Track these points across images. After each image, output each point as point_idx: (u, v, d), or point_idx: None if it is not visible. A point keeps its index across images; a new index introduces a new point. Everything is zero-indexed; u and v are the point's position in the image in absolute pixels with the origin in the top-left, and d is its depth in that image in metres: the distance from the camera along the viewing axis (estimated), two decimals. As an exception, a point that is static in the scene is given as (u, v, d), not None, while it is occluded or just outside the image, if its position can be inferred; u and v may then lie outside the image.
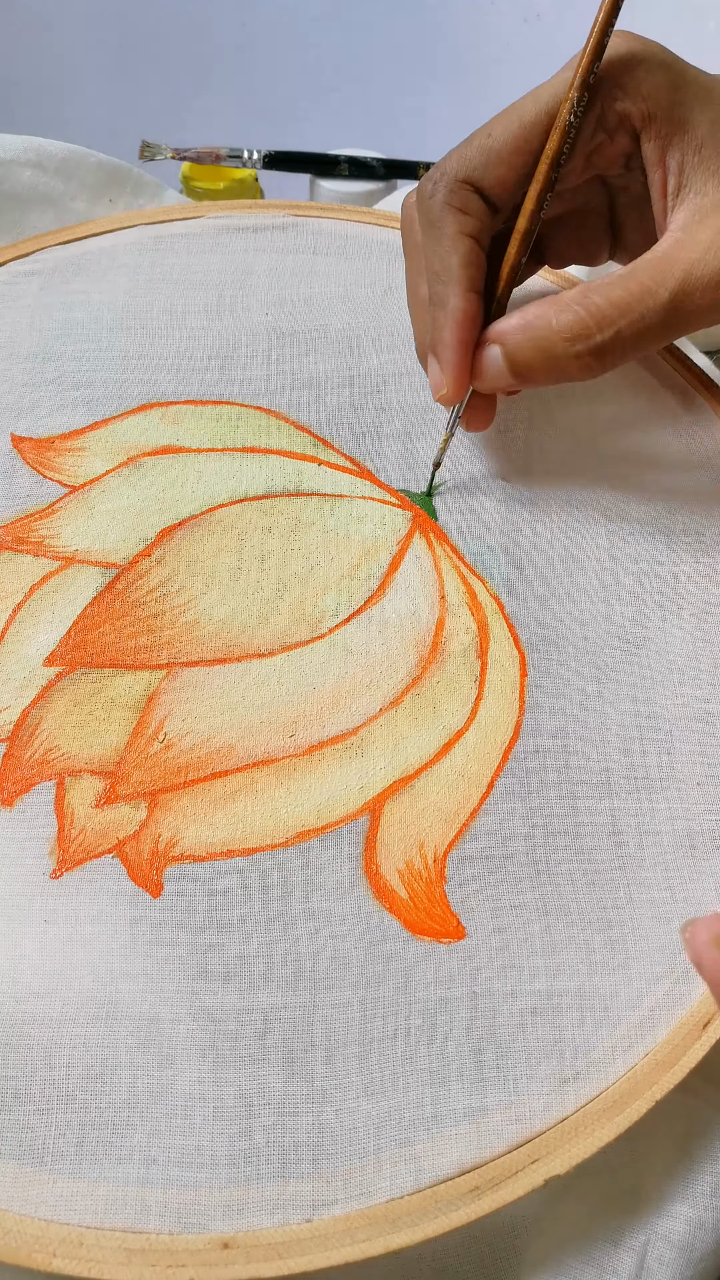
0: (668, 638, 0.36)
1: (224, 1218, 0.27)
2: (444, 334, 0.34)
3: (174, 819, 0.32)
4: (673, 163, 0.33)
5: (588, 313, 0.32)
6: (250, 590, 0.36)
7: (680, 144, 0.33)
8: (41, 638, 0.35)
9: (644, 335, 0.32)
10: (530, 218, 0.34)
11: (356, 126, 0.86)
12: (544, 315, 0.33)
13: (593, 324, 0.32)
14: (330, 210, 0.46)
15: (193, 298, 0.43)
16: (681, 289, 0.32)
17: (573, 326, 0.32)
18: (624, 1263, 0.30)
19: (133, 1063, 0.29)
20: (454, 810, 0.33)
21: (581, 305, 0.32)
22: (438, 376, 0.35)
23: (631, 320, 0.32)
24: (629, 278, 0.32)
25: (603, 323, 0.32)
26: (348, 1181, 0.28)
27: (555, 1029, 0.30)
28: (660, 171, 0.33)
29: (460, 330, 0.34)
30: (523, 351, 0.33)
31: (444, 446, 0.38)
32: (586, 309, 0.32)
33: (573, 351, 0.32)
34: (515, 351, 0.33)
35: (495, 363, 0.34)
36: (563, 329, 0.32)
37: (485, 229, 0.35)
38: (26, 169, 0.47)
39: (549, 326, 0.33)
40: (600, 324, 0.32)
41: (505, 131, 0.34)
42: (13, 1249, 0.27)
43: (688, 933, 0.28)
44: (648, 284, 0.32)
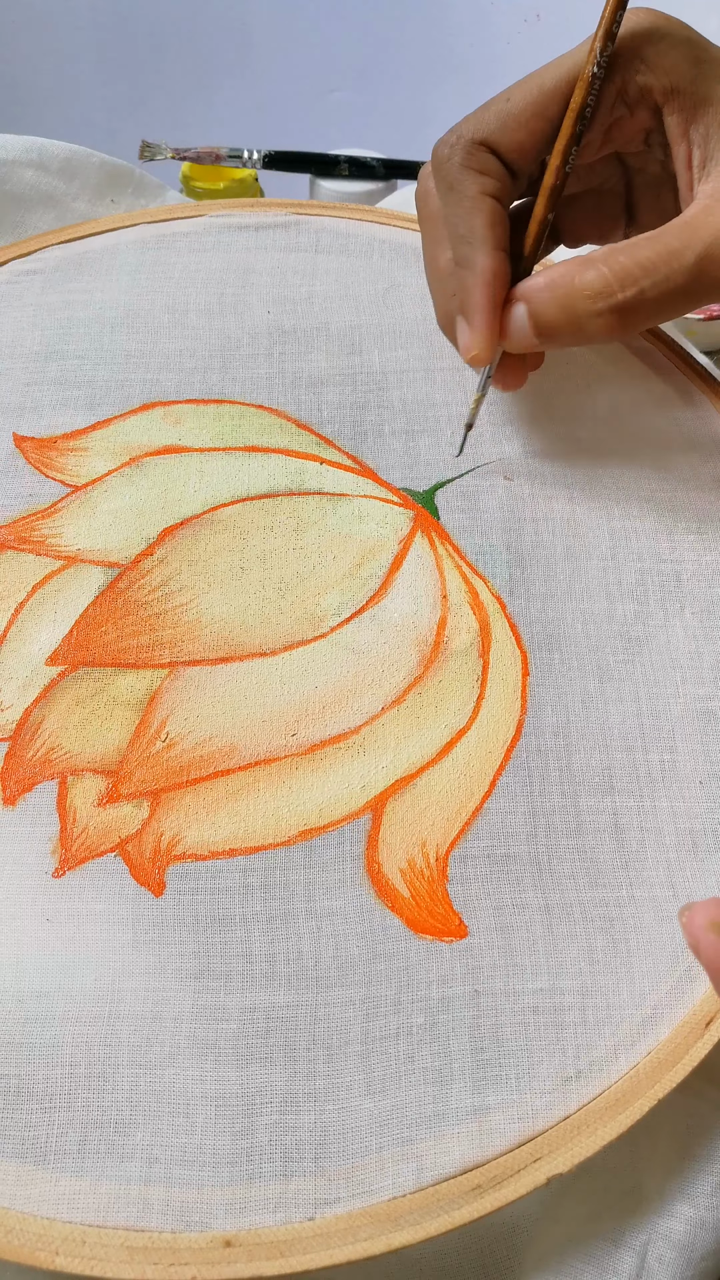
0: (670, 636, 0.36)
1: (226, 1216, 0.27)
2: (473, 294, 0.34)
3: (176, 818, 0.32)
4: (697, 136, 0.33)
5: (611, 271, 0.32)
6: (252, 589, 0.36)
7: (705, 118, 0.33)
8: (44, 637, 0.35)
9: (667, 297, 0.32)
10: (557, 173, 0.34)
11: (356, 126, 0.86)
12: (569, 273, 0.33)
13: (616, 283, 0.32)
14: (332, 208, 0.46)
15: (194, 296, 0.43)
16: (708, 252, 0.31)
17: (595, 284, 0.32)
18: (624, 1262, 0.30)
19: (135, 1061, 0.29)
20: (456, 809, 0.33)
21: (606, 264, 0.32)
22: (467, 337, 0.35)
23: (656, 281, 0.32)
24: (656, 239, 0.32)
25: (626, 281, 0.32)
26: (350, 1180, 0.28)
27: (557, 1028, 0.30)
28: (685, 145, 0.33)
29: (489, 289, 0.34)
30: (547, 310, 0.33)
31: (475, 408, 0.38)
32: (611, 267, 0.32)
33: (595, 309, 0.32)
34: (540, 310, 0.33)
35: (520, 321, 0.34)
36: (585, 286, 0.32)
37: (506, 191, 0.34)
38: (28, 169, 0.47)
39: (572, 284, 0.32)
40: (624, 282, 0.32)
41: (524, 97, 0.34)
42: (15, 1247, 0.27)
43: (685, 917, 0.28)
44: (674, 246, 0.32)
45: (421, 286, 0.39)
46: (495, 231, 0.34)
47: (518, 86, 0.34)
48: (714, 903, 0.26)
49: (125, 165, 0.50)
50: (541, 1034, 0.30)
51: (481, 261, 0.34)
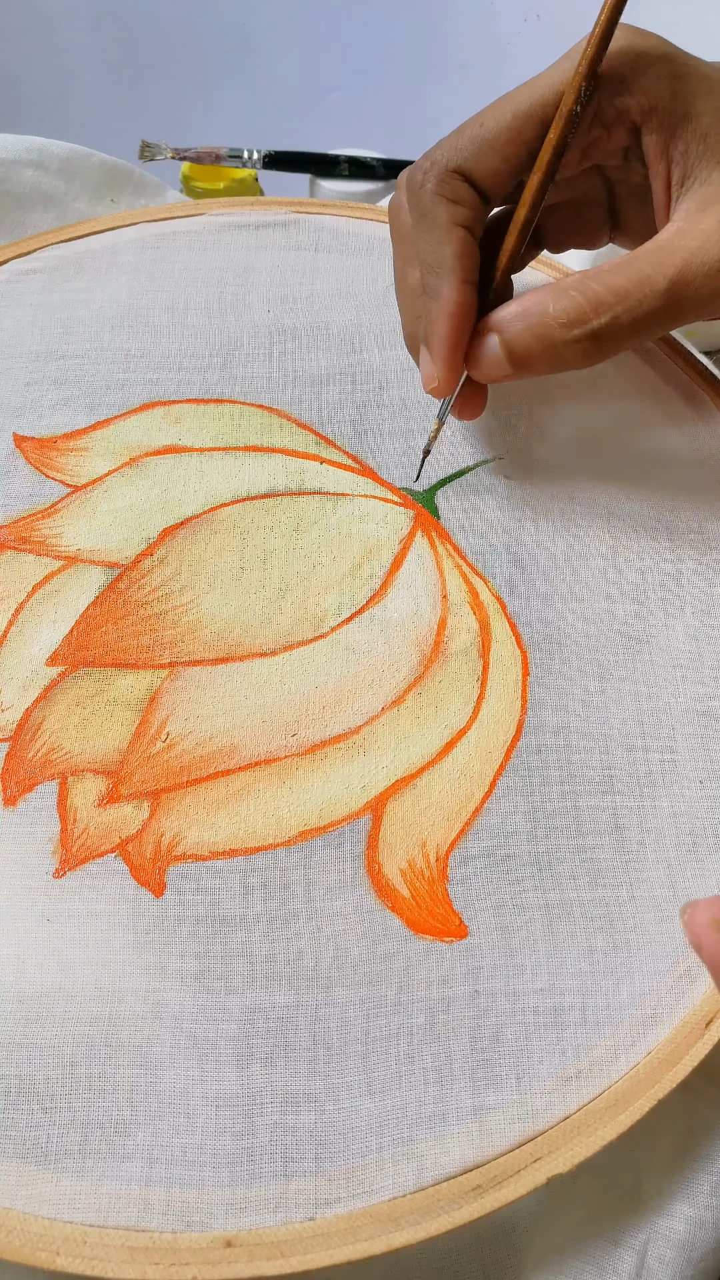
0: (670, 636, 0.36)
1: (227, 1216, 0.27)
2: (436, 326, 0.34)
3: (176, 818, 0.32)
4: (676, 154, 0.33)
5: (585, 299, 0.32)
6: (252, 590, 0.36)
7: (684, 135, 0.33)
8: (44, 637, 0.35)
9: (641, 322, 0.32)
10: (530, 208, 0.34)
11: (356, 126, 0.86)
12: (541, 302, 0.33)
13: (589, 310, 0.32)
14: (332, 207, 0.46)
15: (194, 295, 0.43)
16: (680, 276, 0.31)
17: (569, 312, 0.32)
18: (624, 1262, 0.30)
19: (135, 1062, 0.29)
20: (456, 809, 0.33)
21: (579, 291, 0.32)
22: (429, 368, 0.35)
23: (629, 306, 0.32)
24: (628, 265, 0.32)
25: (600, 308, 0.32)
26: (350, 1180, 0.28)
27: (557, 1028, 0.30)
28: (663, 163, 0.33)
29: (453, 322, 0.34)
30: (520, 340, 0.33)
31: (434, 435, 0.38)
32: (584, 294, 0.32)
33: (570, 337, 0.32)
34: (513, 340, 0.33)
35: (493, 352, 0.34)
36: (559, 315, 0.32)
37: (477, 219, 0.34)
38: (28, 169, 0.48)
39: (545, 313, 0.32)
40: (597, 309, 0.32)
41: (498, 121, 0.33)
42: (16, 1247, 0.27)
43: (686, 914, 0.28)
44: (646, 271, 0.32)
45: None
46: (463, 263, 0.34)
47: (491, 110, 0.34)
48: (715, 900, 0.26)
49: (125, 165, 0.50)
50: (541, 1034, 0.30)
51: (447, 293, 0.33)
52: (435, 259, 0.34)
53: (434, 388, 0.35)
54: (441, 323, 0.34)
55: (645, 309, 0.32)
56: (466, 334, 0.34)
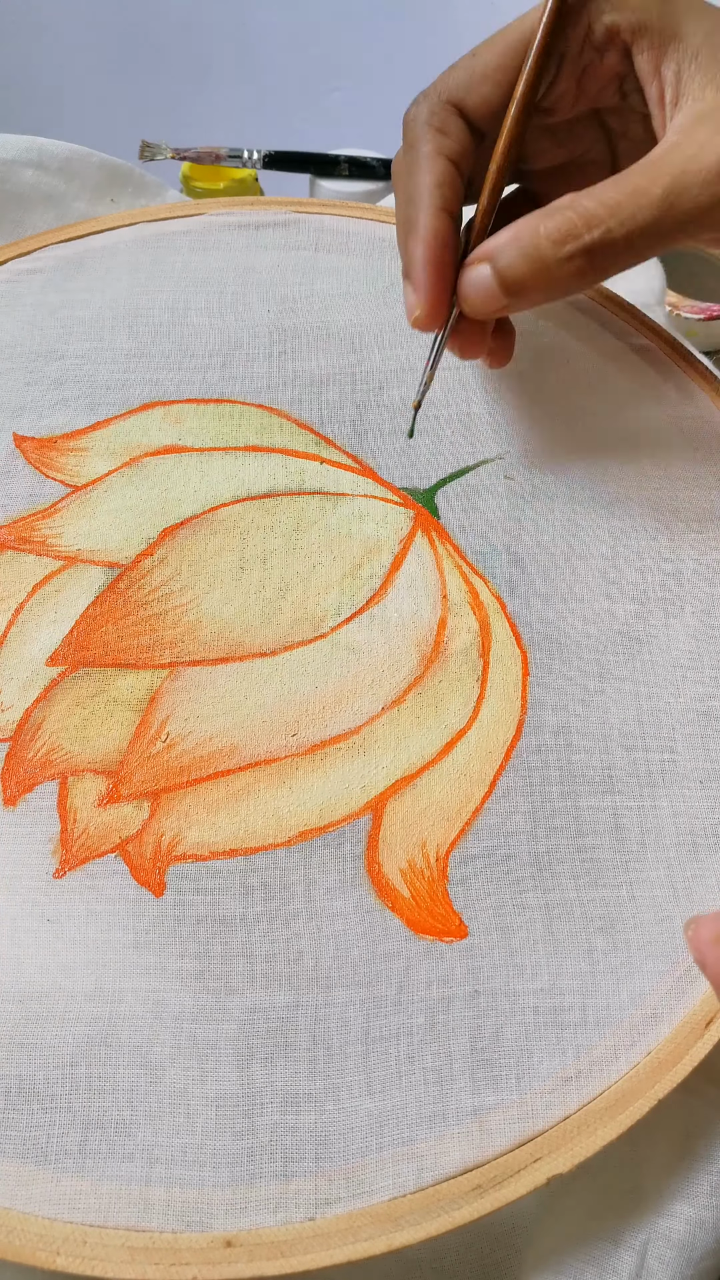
0: (670, 636, 0.36)
1: (227, 1216, 0.27)
2: (414, 254, 0.33)
3: (176, 818, 0.32)
4: (668, 73, 0.32)
5: (576, 214, 0.31)
6: (252, 590, 0.36)
7: (675, 53, 0.32)
8: (44, 637, 0.35)
9: (636, 234, 0.31)
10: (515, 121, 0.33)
11: (356, 126, 0.86)
12: (532, 224, 0.32)
13: (581, 224, 0.31)
14: (332, 206, 0.46)
15: (194, 295, 0.43)
16: (675, 184, 0.31)
17: (561, 228, 0.31)
18: (624, 1262, 0.30)
19: (136, 1062, 0.29)
20: (456, 809, 0.33)
21: (570, 208, 0.31)
22: (411, 298, 0.34)
23: (622, 219, 0.31)
24: (621, 179, 0.31)
25: (591, 222, 0.31)
26: (350, 1180, 0.28)
27: (557, 1028, 0.30)
28: (657, 83, 0.33)
29: (429, 249, 0.33)
30: (513, 265, 0.32)
31: (425, 384, 0.37)
32: (575, 210, 0.31)
33: (562, 254, 0.31)
34: (504, 265, 0.32)
35: (484, 280, 0.33)
36: (551, 232, 0.31)
37: (464, 151, 0.34)
38: (28, 169, 0.48)
39: (536, 233, 0.32)
40: (589, 224, 0.31)
41: (490, 51, 0.33)
42: (16, 1247, 0.27)
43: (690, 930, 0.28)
44: (640, 183, 0.31)
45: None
46: (441, 191, 0.33)
47: (485, 43, 0.34)
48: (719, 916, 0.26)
49: (125, 165, 0.50)
50: (541, 1034, 0.30)
51: (423, 221, 0.33)
52: (414, 187, 0.33)
53: (415, 317, 0.34)
54: (418, 250, 0.33)
55: (640, 220, 0.31)
56: (446, 262, 0.33)
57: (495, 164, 0.34)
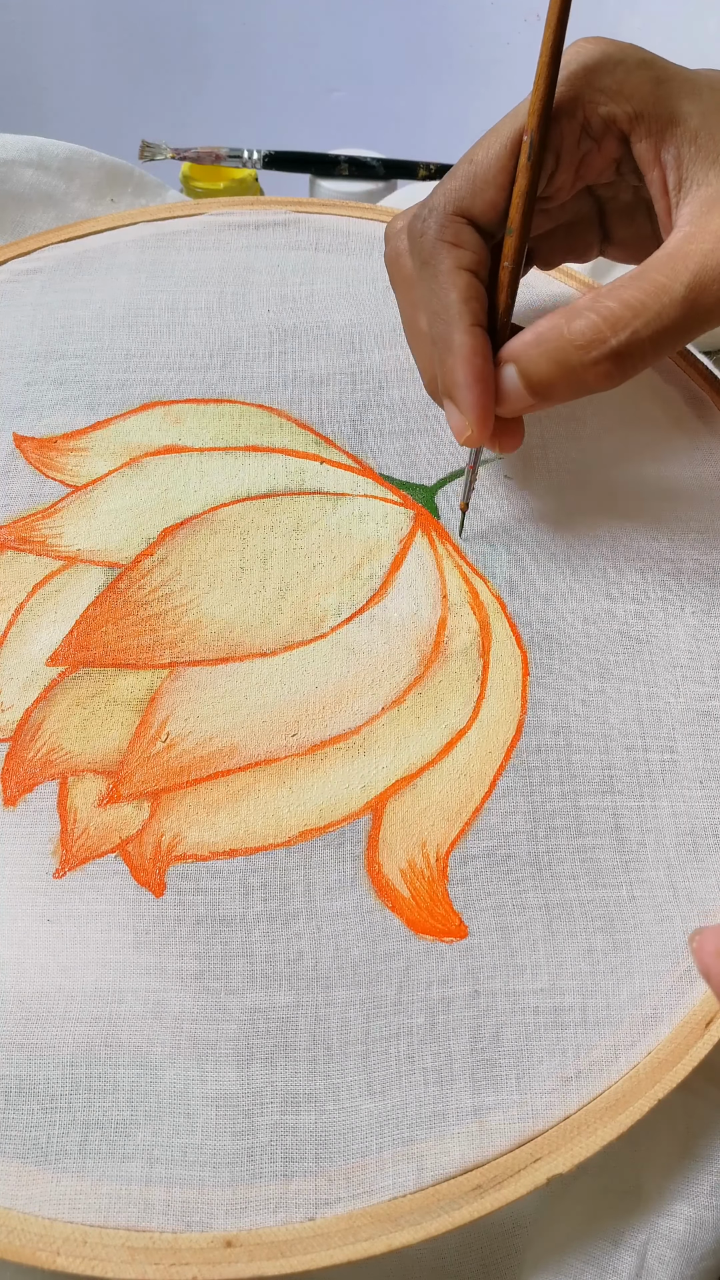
0: (670, 635, 0.36)
1: (227, 1216, 0.27)
2: (457, 375, 0.33)
3: (176, 818, 0.32)
4: (669, 158, 0.32)
5: (601, 317, 0.31)
6: (252, 590, 0.36)
7: (674, 138, 0.32)
8: (44, 637, 0.35)
9: (662, 334, 0.31)
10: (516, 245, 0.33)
11: (356, 126, 0.86)
12: (556, 325, 0.32)
13: (607, 328, 0.31)
14: (332, 206, 0.46)
15: (194, 295, 0.43)
16: (697, 281, 0.30)
17: (586, 332, 0.31)
18: (624, 1262, 0.30)
19: (136, 1062, 0.29)
20: (456, 809, 0.33)
21: (593, 310, 0.31)
22: (458, 420, 0.33)
23: (647, 320, 0.31)
24: (641, 277, 0.31)
25: (617, 325, 0.31)
26: (350, 1180, 0.28)
27: (557, 1028, 0.30)
28: (658, 169, 0.33)
29: (472, 368, 0.32)
30: (539, 368, 0.32)
31: (470, 487, 0.37)
32: (599, 313, 0.31)
33: (589, 359, 0.31)
34: (531, 369, 0.32)
35: (512, 383, 0.33)
36: (576, 336, 0.31)
37: (480, 260, 0.34)
38: (28, 169, 0.48)
39: (561, 336, 0.31)
40: (615, 327, 0.31)
41: (487, 155, 0.33)
42: (16, 1247, 0.27)
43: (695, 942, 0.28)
44: (661, 281, 0.31)
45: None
46: (470, 307, 0.33)
47: (479, 145, 0.33)
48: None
49: (125, 165, 0.50)
50: (541, 1034, 0.30)
51: (459, 339, 0.33)
52: (441, 306, 0.33)
53: (468, 437, 0.34)
54: (461, 371, 0.33)
55: (665, 320, 0.31)
56: (488, 376, 0.33)
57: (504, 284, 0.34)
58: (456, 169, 0.34)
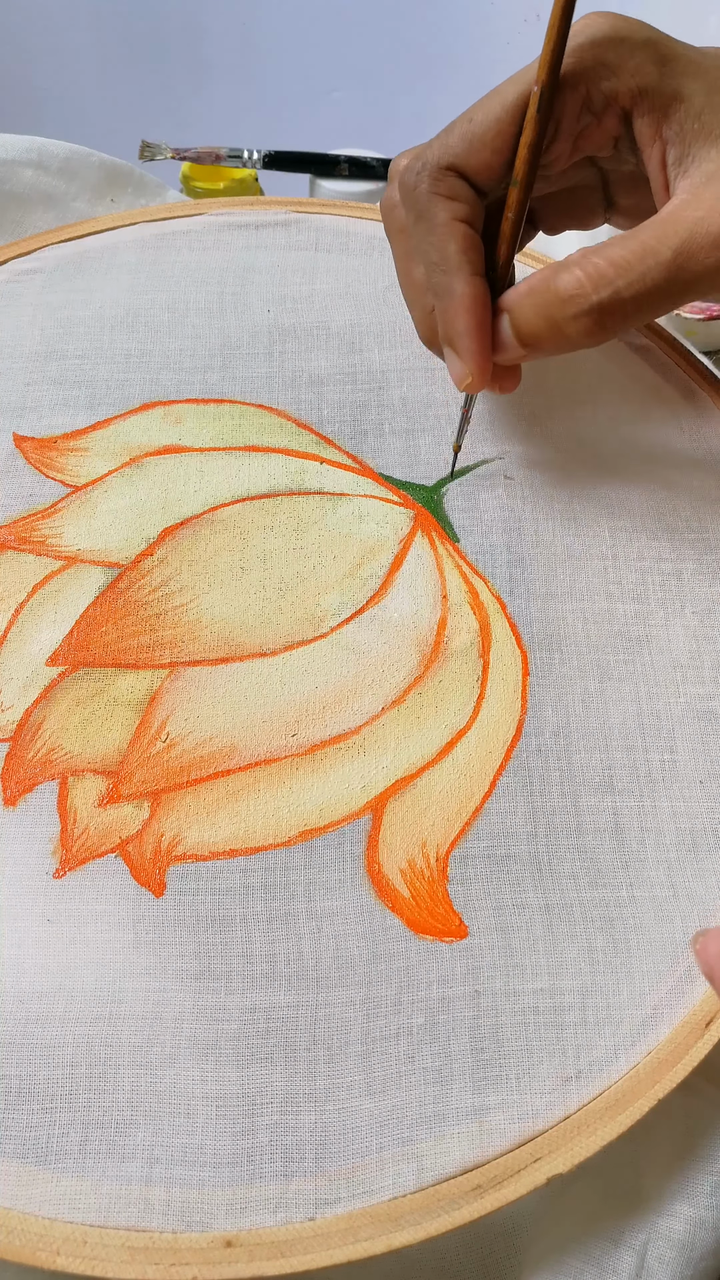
0: (670, 636, 0.36)
1: (227, 1216, 0.27)
2: (458, 323, 0.33)
3: (176, 818, 0.32)
4: (671, 134, 0.32)
5: (585, 273, 0.31)
6: (252, 590, 0.36)
7: (678, 114, 0.32)
8: (44, 637, 0.35)
9: (645, 295, 0.31)
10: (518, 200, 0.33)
11: (356, 126, 0.86)
12: (546, 278, 0.32)
13: (589, 284, 0.31)
14: (332, 206, 0.46)
15: (194, 295, 0.43)
16: (684, 246, 0.31)
17: (570, 287, 0.31)
18: (624, 1261, 0.30)
19: (136, 1062, 0.29)
20: (456, 809, 0.33)
21: (580, 266, 0.31)
22: (459, 367, 0.34)
23: (631, 280, 0.31)
24: (631, 237, 0.31)
25: (600, 282, 0.31)
26: (350, 1180, 0.28)
27: (557, 1028, 0.30)
28: (657, 145, 0.33)
29: (473, 316, 0.33)
30: (528, 319, 0.33)
31: (463, 429, 0.37)
32: (585, 269, 0.31)
33: (570, 313, 0.32)
34: (520, 319, 0.33)
35: (505, 333, 0.33)
36: (561, 289, 0.32)
37: (476, 213, 0.34)
38: (28, 169, 0.48)
39: (549, 289, 0.32)
40: (598, 284, 0.31)
41: (487, 115, 0.33)
42: (16, 1248, 0.27)
43: (698, 944, 0.29)
44: (649, 243, 0.31)
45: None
46: (470, 256, 0.33)
47: (480, 105, 0.33)
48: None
49: (125, 165, 0.50)
50: (542, 1034, 0.30)
51: (460, 288, 0.33)
52: (440, 256, 0.33)
53: (468, 384, 0.34)
54: (462, 319, 0.33)
55: (649, 281, 0.31)
56: (488, 325, 0.33)
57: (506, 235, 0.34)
58: (454, 126, 0.34)
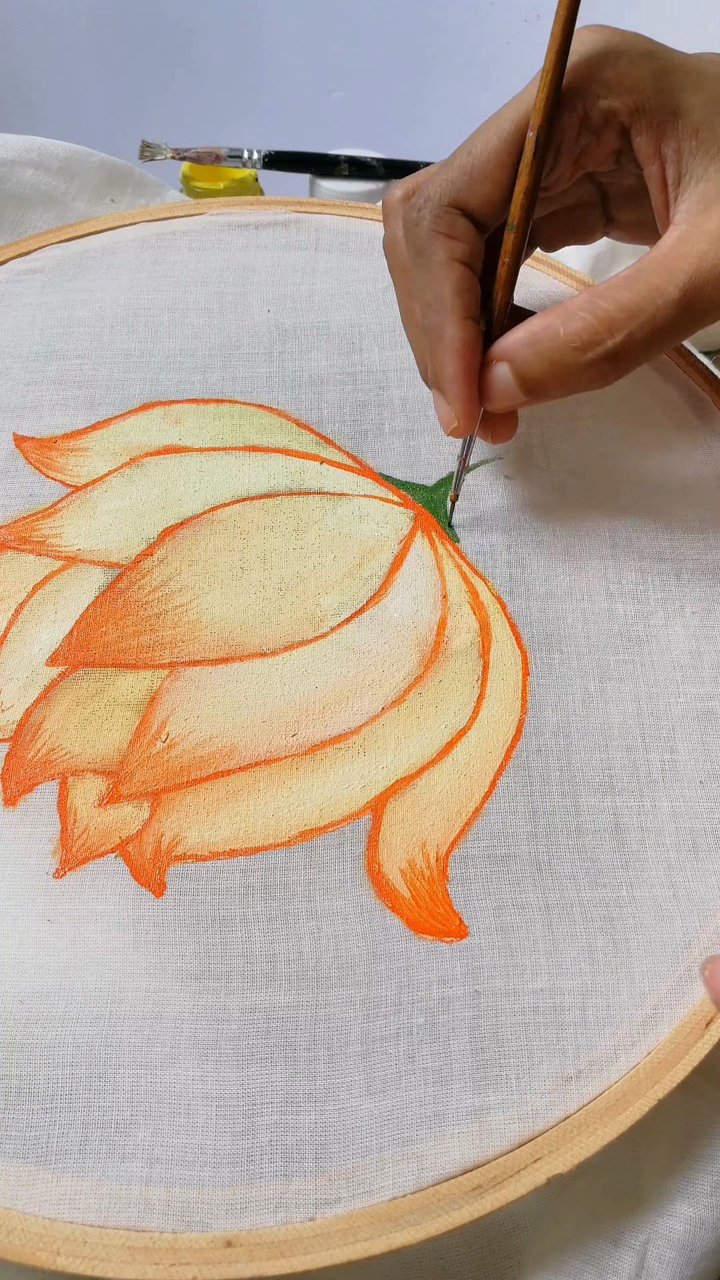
0: (670, 635, 0.36)
1: (227, 1216, 0.27)
2: (445, 367, 0.33)
3: (176, 818, 0.32)
4: (669, 152, 0.32)
5: (596, 319, 0.31)
6: (252, 590, 0.36)
7: (675, 131, 0.32)
8: (44, 637, 0.35)
9: (656, 336, 0.31)
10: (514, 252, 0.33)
11: (356, 126, 0.86)
12: (551, 326, 0.32)
13: (603, 330, 0.31)
14: (332, 206, 0.46)
15: (194, 295, 0.43)
16: (691, 283, 0.30)
17: (581, 334, 0.31)
18: (624, 1262, 0.30)
19: (136, 1062, 0.29)
20: (456, 809, 0.33)
21: (589, 311, 0.31)
22: (445, 412, 0.34)
23: (642, 322, 0.31)
24: (636, 278, 0.31)
25: (613, 327, 0.31)
26: (350, 1180, 0.28)
27: (557, 1028, 0.30)
28: (657, 164, 0.32)
29: (461, 361, 0.33)
30: (532, 366, 0.32)
31: (459, 477, 0.37)
32: (595, 315, 0.31)
33: (584, 360, 0.31)
34: (524, 368, 0.32)
35: (505, 381, 0.33)
36: (571, 338, 0.31)
37: (474, 251, 0.33)
38: (28, 169, 0.48)
39: (557, 337, 0.31)
40: (610, 329, 0.31)
41: (486, 147, 0.33)
42: (17, 1247, 0.27)
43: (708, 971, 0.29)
44: (656, 283, 0.31)
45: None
46: (463, 299, 0.33)
47: (478, 136, 0.33)
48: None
49: (125, 165, 0.50)
50: (541, 1034, 0.30)
51: (450, 332, 0.33)
52: (434, 297, 0.33)
53: (454, 429, 0.34)
54: (450, 363, 0.33)
55: (659, 322, 0.31)
56: (476, 370, 0.33)
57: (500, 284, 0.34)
58: (454, 159, 0.33)
